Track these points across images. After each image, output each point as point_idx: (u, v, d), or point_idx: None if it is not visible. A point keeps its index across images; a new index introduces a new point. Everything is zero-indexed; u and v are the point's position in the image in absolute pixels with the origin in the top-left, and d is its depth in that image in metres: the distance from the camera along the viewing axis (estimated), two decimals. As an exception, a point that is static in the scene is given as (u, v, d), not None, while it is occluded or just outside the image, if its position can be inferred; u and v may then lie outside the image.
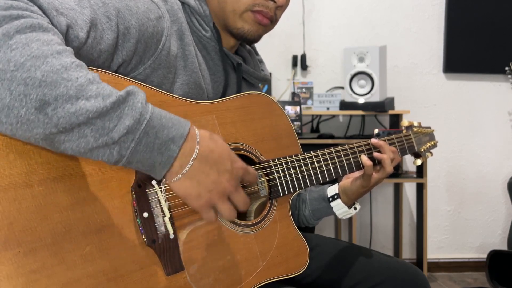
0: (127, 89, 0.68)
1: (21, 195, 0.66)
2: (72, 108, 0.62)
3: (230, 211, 0.77)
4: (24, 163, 0.67)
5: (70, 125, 0.63)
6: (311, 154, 1.05)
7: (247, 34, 1.01)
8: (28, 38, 0.63)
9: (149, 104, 0.70)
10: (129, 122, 0.66)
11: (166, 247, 0.79)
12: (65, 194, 0.70)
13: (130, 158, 0.68)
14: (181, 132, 0.71)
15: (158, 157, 0.69)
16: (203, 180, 0.73)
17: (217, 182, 0.74)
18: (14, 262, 0.64)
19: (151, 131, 0.68)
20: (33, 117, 0.61)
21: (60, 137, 0.64)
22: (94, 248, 0.71)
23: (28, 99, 0.61)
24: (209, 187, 0.74)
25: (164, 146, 0.69)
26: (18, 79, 0.60)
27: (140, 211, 0.77)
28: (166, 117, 0.71)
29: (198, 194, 0.74)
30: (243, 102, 1.00)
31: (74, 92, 0.63)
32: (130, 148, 0.67)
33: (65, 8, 0.72)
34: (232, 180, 0.76)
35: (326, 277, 1.13)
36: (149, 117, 0.68)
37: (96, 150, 0.66)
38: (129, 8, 0.82)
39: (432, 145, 1.32)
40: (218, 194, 0.75)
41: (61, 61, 0.64)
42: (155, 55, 0.87)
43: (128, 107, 0.67)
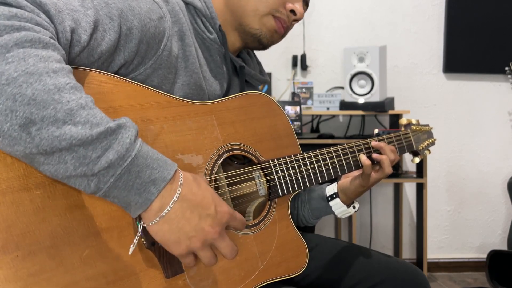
0: (119, 122, 0.66)
1: (19, 198, 0.66)
2: (57, 132, 0.61)
3: (210, 259, 0.73)
4: (22, 166, 0.66)
5: (51, 149, 0.61)
6: (310, 154, 1.05)
7: (263, 37, 1.01)
8: (26, 53, 0.61)
9: (138, 141, 0.68)
10: (113, 157, 0.64)
11: (165, 250, 0.79)
12: (63, 197, 0.69)
13: (107, 193, 0.66)
14: (164, 175, 0.69)
15: (135, 197, 0.67)
16: (183, 226, 0.70)
17: (198, 229, 0.70)
18: (12, 266, 0.64)
19: (133, 170, 0.66)
20: (16, 134, 0.60)
21: (40, 159, 0.62)
22: (93, 251, 0.71)
23: (14, 115, 0.59)
24: (190, 234, 0.70)
25: (143, 187, 0.67)
26: (7, 94, 0.59)
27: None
28: (152, 157, 0.68)
29: (177, 240, 0.70)
30: (242, 102, 1.00)
31: (62, 115, 0.61)
32: (109, 183, 0.65)
33: (69, 9, 0.71)
34: (215, 226, 0.72)
35: (326, 277, 1.13)
36: (135, 155, 0.66)
37: (73, 178, 0.64)
38: (132, 8, 0.82)
39: (430, 143, 1.32)
40: (200, 241, 0.71)
41: (55, 81, 0.62)
42: (156, 55, 0.87)
43: (116, 141, 0.65)
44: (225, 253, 0.74)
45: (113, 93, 0.78)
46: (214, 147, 0.92)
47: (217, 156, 0.92)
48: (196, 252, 0.72)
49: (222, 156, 0.93)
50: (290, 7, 1.00)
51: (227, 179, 0.96)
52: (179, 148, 0.85)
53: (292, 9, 1.00)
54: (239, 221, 0.77)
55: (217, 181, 0.94)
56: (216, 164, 0.91)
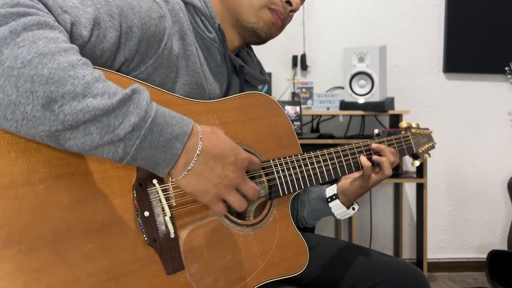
0: (132, 87, 0.68)
1: (22, 193, 0.66)
2: (79, 106, 0.63)
3: (240, 202, 0.77)
4: (26, 161, 0.67)
5: (76, 123, 0.63)
6: (310, 155, 1.05)
7: (260, 30, 1.01)
8: (35, 35, 0.63)
9: (153, 102, 0.70)
10: (135, 120, 0.66)
11: (166, 246, 0.80)
12: (66, 193, 0.70)
13: (135, 155, 0.68)
14: (184, 130, 0.72)
15: (163, 154, 0.70)
16: (209, 175, 0.74)
17: (222, 176, 0.75)
18: (15, 260, 0.64)
19: (155, 129, 0.68)
20: (39, 114, 0.61)
21: (66, 134, 0.64)
22: (95, 246, 0.71)
23: (35, 96, 0.61)
24: (216, 181, 0.74)
25: (168, 144, 0.70)
26: (25, 76, 0.60)
27: (141, 210, 0.77)
28: (170, 115, 0.71)
29: (206, 189, 0.74)
30: (243, 102, 1.00)
31: (81, 89, 0.63)
32: (135, 145, 0.67)
33: (68, 6, 0.72)
34: (237, 172, 0.77)
35: (326, 276, 1.13)
36: (154, 115, 0.68)
37: (101, 147, 0.66)
38: (132, 7, 0.83)
39: (430, 147, 1.33)
40: (225, 187, 0.76)
41: (68, 59, 0.64)
42: (157, 54, 0.87)
43: (134, 105, 0.67)
44: (248, 195, 0.79)
45: (115, 91, 0.78)
46: (215, 145, 0.92)
47: (218, 155, 0.92)
48: (224, 197, 0.76)
49: (223, 154, 0.93)
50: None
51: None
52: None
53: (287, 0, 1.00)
54: (256, 164, 0.82)
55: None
56: (217, 162, 0.92)
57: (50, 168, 0.69)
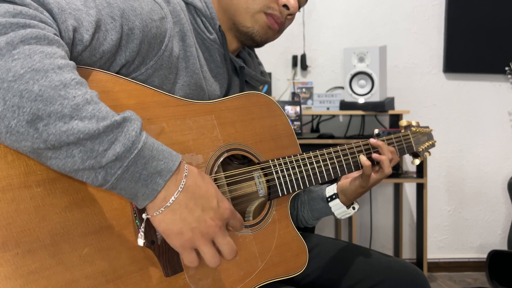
0: (124, 115, 0.67)
1: (19, 196, 0.66)
2: (64, 127, 0.62)
3: (213, 256, 0.73)
4: (23, 164, 0.67)
5: (59, 143, 0.62)
6: (310, 155, 1.05)
7: (255, 35, 1.01)
8: (32, 49, 0.62)
9: (143, 133, 0.69)
10: (120, 149, 0.65)
11: (165, 249, 0.79)
12: (63, 195, 0.70)
13: (114, 185, 0.67)
14: (169, 166, 0.70)
15: (142, 188, 0.68)
16: (186, 216, 0.71)
17: (201, 220, 0.71)
18: (12, 263, 0.64)
19: (140, 161, 0.67)
20: (23, 130, 0.61)
21: (48, 153, 0.63)
22: (93, 249, 0.71)
23: (21, 111, 0.60)
24: (192, 225, 0.71)
25: (150, 178, 0.68)
26: (14, 90, 0.60)
27: (138, 212, 0.77)
28: (157, 149, 0.70)
29: (180, 231, 0.71)
30: (242, 102, 1.00)
31: (68, 111, 0.62)
32: (116, 175, 0.66)
33: (72, 8, 0.72)
34: (217, 220, 0.73)
35: (326, 277, 1.13)
36: (141, 147, 0.67)
37: (81, 172, 0.65)
38: (134, 8, 0.82)
39: (430, 145, 1.32)
40: (201, 234, 0.72)
41: (61, 77, 0.63)
42: (157, 55, 0.87)
43: (122, 134, 0.66)
44: (224, 252, 0.74)
45: (114, 92, 0.78)
46: (214, 146, 0.92)
47: (217, 156, 0.92)
48: (198, 247, 0.73)
49: (222, 156, 0.93)
50: (282, 2, 0.99)
51: (227, 179, 0.96)
52: (179, 147, 0.86)
53: (284, 3, 1.00)
54: (238, 220, 0.78)
55: (217, 180, 0.94)
56: (216, 163, 0.92)
57: (47, 170, 0.69)
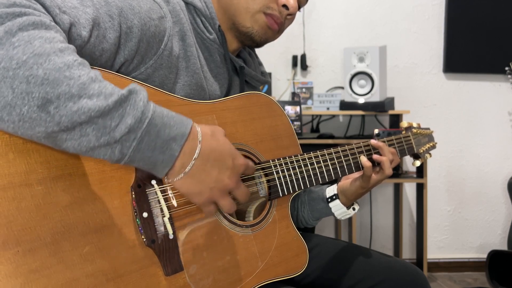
0: (129, 88, 0.68)
1: (20, 194, 0.66)
2: (75, 107, 0.62)
3: (230, 206, 0.79)
4: (24, 162, 0.67)
5: (72, 124, 0.63)
6: (310, 155, 1.05)
7: (255, 35, 1.01)
8: (31, 35, 0.62)
9: (150, 103, 0.70)
10: (131, 121, 0.66)
11: (165, 247, 0.79)
12: (64, 193, 0.70)
13: (132, 157, 0.68)
14: (182, 131, 0.71)
15: (160, 156, 0.69)
16: (205, 178, 0.74)
17: (218, 180, 0.76)
18: (13, 261, 0.64)
19: (152, 130, 0.68)
20: (35, 115, 0.61)
21: (62, 136, 0.63)
22: (94, 247, 0.71)
23: (31, 97, 0.60)
24: (210, 185, 0.75)
25: (165, 145, 0.69)
26: (20, 77, 0.60)
27: (139, 211, 0.77)
28: (168, 115, 0.71)
29: (200, 192, 0.75)
30: (243, 102, 1.00)
31: (76, 90, 0.63)
32: (132, 147, 0.67)
33: (67, 6, 0.72)
34: (233, 177, 0.77)
35: (326, 277, 1.13)
36: (151, 116, 0.68)
37: (97, 149, 0.65)
38: (132, 7, 0.82)
39: (431, 146, 1.32)
40: (219, 191, 0.76)
41: (64, 59, 0.63)
42: (157, 55, 0.87)
43: (130, 106, 0.66)
44: (240, 198, 0.81)
45: (115, 91, 0.78)
46: (215, 145, 0.92)
47: (218, 155, 0.92)
48: (217, 200, 0.77)
49: (222, 155, 0.93)
50: (282, 2, 0.99)
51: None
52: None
53: (284, 3, 1.00)
54: (251, 169, 0.83)
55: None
56: (217, 163, 0.92)
57: (49, 169, 0.69)
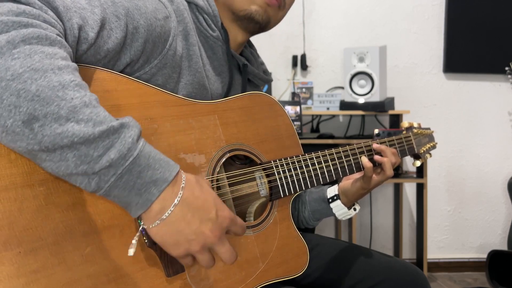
0: (122, 121, 0.66)
1: (22, 195, 0.66)
2: (59, 129, 0.61)
3: (209, 263, 0.73)
4: (26, 162, 0.67)
5: (53, 146, 0.61)
6: (311, 155, 1.05)
7: (255, 15, 0.99)
8: (32, 49, 0.61)
9: (140, 141, 0.67)
10: (114, 156, 0.63)
11: (166, 249, 0.79)
12: (66, 194, 0.69)
13: (108, 192, 0.66)
14: (166, 176, 0.68)
15: (136, 197, 0.67)
16: (183, 229, 0.69)
17: (198, 232, 0.70)
18: (14, 262, 0.64)
19: (134, 169, 0.65)
20: (19, 130, 0.60)
21: (42, 155, 0.62)
22: (95, 248, 0.71)
23: (18, 111, 0.59)
24: (189, 237, 0.70)
25: (144, 187, 0.66)
26: (12, 89, 0.59)
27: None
28: (154, 157, 0.68)
29: (176, 243, 0.70)
30: (245, 102, 1.00)
31: (65, 112, 0.61)
32: (110, 182, 0.64)
33: (77, 7, 0.72)
34: (215, 230, 0.71)
35: (326, 277, 1.13)
36: (137, 155, 0.65)
37: (74, 176, 0.64)
38: (138, 7, 0.82)
39: (431, 147, 1.32)
40: (199, 245, 0.71)
41: (60, 78, 0.62)
42: (161, 54, 0.87)
43: (118, 140, 0.64)
44: (224, 258, 0.74)
45: (117, 91, 0.78)
46: (217, 147, 0.92)
47: (219, 156, 0.92)
48: (194, 255, 0.72)
49: (224, 156, 0.93)
50: None
51: (229, 179, 0.96)
52: (181, 147, 0.85)
53: None
54: (239, 226, 0.76)
55: (219, 181, 0.94)
56: (218, 164, 0.91)
57: (50, 169, 0.69)
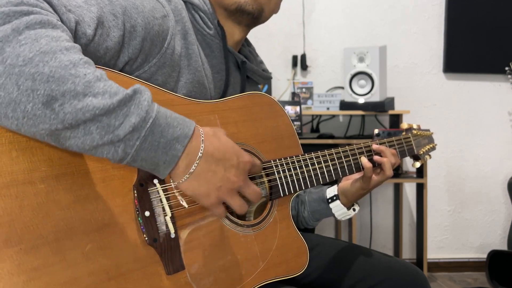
0: (134, 88, 0.68)
1: (23, 192, 0.66)
2: (79, 104, 0.62)
3: (242, 205, 0.78)
4: (27, 160, 0.67)
5: (76, 122, 0.63)
6: (311, 155, 1.05)
7: (244, 6, 0.98)
8: (38, 34, 0.63)
9: (155, 103, 0.70)
10: (135, 120, 0.66)
11: (167, 246, 0.79)
12: (67, 192, 0.70)
13: (135, 156, 0.68)
14: (186, 132, 0.71)
15: (163, 156, 0.69)
16: (211, 178, 0.74)
17: (224, 179, 0.75)
18: (15, 259, 0.64)
19: (156, 130, 0.68)
20: (40, 112, 0.61)
21: (66, 133, 0.64)
22: (96, 246, 0.71)
23: (36, 94, 0.61)
24: (217, 184, 0.75)
25: (169, 145, 0.69)
26: (26, 74, 0.60)
27: (141, 209, 0.77)
28: (171, 116, 0.71)
29: (207, 193, 0.75)
30: (245, 102, 1.00)
31: (81, 88, 0.63)
32: (135, 146, 0.67)
33: (72, 5, 0.73)
34: (240, 175, 0.77)
35: (326, 276, 1.13)
36: (155, 116, 0.68)
37: (101, 147, 0.66)
38: (135, 6, 0.83)
39: (431, 148, 1.32)
40: (227, 190, 0.76)
41: (70, 57, 0.64)
42: (160, 53, 0.87)
43: (135, 105, 0.67)
44: (250, 198, 0.80)
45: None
46: (216, 145, 0.92)
47: (219, 155, 0.92)
48: (226, 200, 0.77)
49: (223, 155, 0.93)
50: None
51: (229, 178, 0.96)
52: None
53: None
54: (258, 166, 0.83)
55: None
56: (218, 163, 0.92)
57: (51, 167, 0.69)
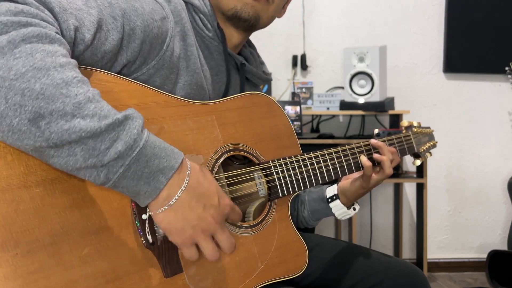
0: (126, 113, 0.67)
1: (19, 196, 0.66)
2: (66, 125, 0.62)
3: (213, 251, 0.75)
4: (22, 164, 0.67)
5: (61, 142, 0.62)
6: (310, 155, 1.05)
7: (241, 12, 0.97)
8: (33, 48, 0.62)
9: (145, 131, 0.69)
10: (121, 148, 0.65)
11: (164, 249, 0.79)
12: (63, 195, 0.69)
13: (117, 183, 0.67)
14: (172, 164, 0.70)
15: (144, 186, 0.68)
16: (188, 214, 0.72)
17: (201, 217, 0.73)
18: (12, 263, 0.64)
19: (142, 159, 0.67)
20: (25, 128, 0.61)
21: (50, 152, 0.63)
22: (93, 249, 0.71)
23: (23, 110, 0.60)
24: (193, 222, 0.72)
25: (152, 176, 0.68)
26: (16, 89, 0.60)
27: (138, 213, 0.77)
28: (160, 146, 0.70)
29: (182, 228, 0.72)
30: (243, 103, 1.00)
31: (70, 109, 0.62)
32: (118, 173, 0.66)
33: (73, 8, 0.72)
34: (217, 217, 0.74)
35: (326, 277, 1.13)
36: (143, 145, 0.67)
37: (83, 170, 0.65)
38: (135, 9, 0.82)
39: (431, 146, 1.32)
40: (202, 231, 0.73)
41: (63, 75, 0.63)
42: (159, 55, 0.87)
43: (124, 132, 0.66)
44: (223, 246, 0.76)
45: (115, 93, 0.78)
46: (215, 147, 0.92)
47: (217, 156, 0.92)
48: (198, 242, 0.74)
49: (222, 156, 0.93)
50: None
51: (227, 179, 0.95)
52: (179, 148, 0.84)
53: None
54: (237, 213, 0.80)
55: (218, 181, 0.93)
56: (216, 164, 0.91)
57: (47, 171, 0.69)
